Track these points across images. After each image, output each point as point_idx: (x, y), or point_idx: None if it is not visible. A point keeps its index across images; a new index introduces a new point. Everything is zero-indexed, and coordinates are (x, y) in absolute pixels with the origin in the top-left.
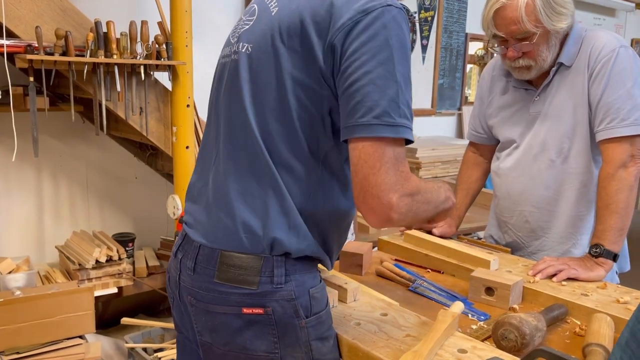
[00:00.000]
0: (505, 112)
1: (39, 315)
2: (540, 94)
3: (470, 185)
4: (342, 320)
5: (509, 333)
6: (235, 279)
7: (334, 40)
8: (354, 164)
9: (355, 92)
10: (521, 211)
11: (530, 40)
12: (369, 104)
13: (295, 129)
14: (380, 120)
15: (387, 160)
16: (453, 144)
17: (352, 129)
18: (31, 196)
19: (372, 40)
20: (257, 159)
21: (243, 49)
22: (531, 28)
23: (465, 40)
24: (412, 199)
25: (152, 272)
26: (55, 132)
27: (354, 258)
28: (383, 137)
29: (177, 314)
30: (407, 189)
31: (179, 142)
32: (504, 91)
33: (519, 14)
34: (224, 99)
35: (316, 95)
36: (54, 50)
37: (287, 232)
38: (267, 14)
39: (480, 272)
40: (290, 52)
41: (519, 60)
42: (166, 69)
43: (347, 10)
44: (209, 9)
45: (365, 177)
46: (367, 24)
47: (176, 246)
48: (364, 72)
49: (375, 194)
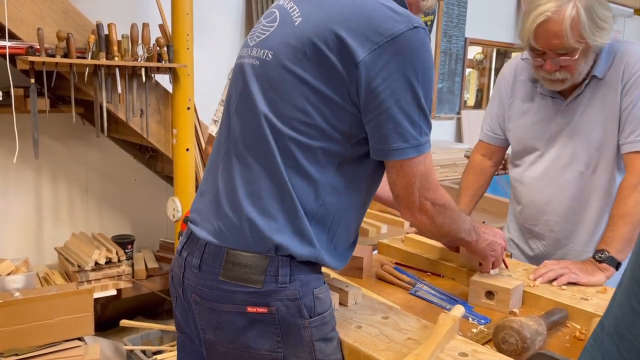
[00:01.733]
0: (528, 119)
1: (38, 317)
2: (569, 105)
3: (476, 191)
4: (343, 323)
5: (509, 337)
6: (240, 277)
7: (359, 61)
8: (393, 181)
9: (387, 120)
10: (547, 220)
11: (572, 56)
12: (399, 131)
13: (312, 138)
14: (408, 144)
15: (420, 174)
16: (452, 148)
17: (386, 153)
18: (30, 197)
19: (401, 68)
20: (269, 163)
21: (263, 55)
22: (574, 43)
23: (465, 44)
24: (442, 209)
25: (151, 274)
26: (56, 134)
27: (355, 261)
28: (412, 157)
29: (180, 313)
30: (438, 199)
31: (179, 144)
32: (529, 97)
33: (563, 29)
34: (239, 101)
35: (336, 107)
36: (55, 52)
37: (291, 237)
38: (289, 23)
39: (481, 276)
40: (313, 64)
41: (555, 73)
42: (167, 72)
43: (374, 33)
44: (210, 11)
45: (403, 187)
46: (396, 51)
47: (181, 244)
48: (394, 100)
49: (412, 199)
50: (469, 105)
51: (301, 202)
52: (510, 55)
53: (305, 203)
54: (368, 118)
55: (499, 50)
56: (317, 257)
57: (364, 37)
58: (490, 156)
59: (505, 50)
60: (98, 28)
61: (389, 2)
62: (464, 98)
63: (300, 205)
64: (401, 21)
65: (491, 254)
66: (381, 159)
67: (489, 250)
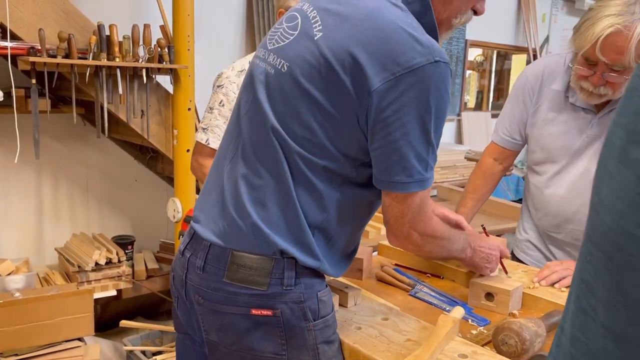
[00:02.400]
0: (555, 128)
1: (38, 317)
2: (602, 118)
3: (482, 196)
4: (343, 325)
5: (509, 338)
6: (245, 279)
7: (373, 89)
8: (387, 207)
9: (392, 152)
10: (572, 229)
11: (624, 74)
12: (404, 164)
13: (317, 156)
14: (412, 179)
15: (414, 207)
16: (452, 150)
17: (387, 184)
18: (31, 198)
19: (414, 102)
20: (277, 173)
21: (279, 65)
22: (631, 63)
23: (465, 46)
24: (429, 239)
25: (151, 275)
26: (56, 134)
27: (354, 262)
28: (414, 192)
29: (181, 313)
30: (428, 230)
31: (179, 145)
32: (558, 106)
33: (629, 45)
34: (251, 106)
35: (343, 130)
36: (56, 53)
37: (294, 246)
38: (309, 35)
39: (480, 278)
40: (326, 84)
41: (600, 87)
42: (168, 72)
43: (392, 62)
44: (211, 12)
45: (394, 217)
46: (412, 84)
47: (183, 244)
48: (403, 133)
49: (400, 229)
50: (469, 107)
51: (305, 213)
52: (510, 58)
53: (309, 214)
54: (374, 146)
55: (499, 52)
56: (319, 267)
57: (381, 65)
58: (502, 160)
59: (505, 53)
60: (99, 29)
61: (414, 27)
62: (465, 100)
63: (305, 216)
64: (422, 53)
65: (486, 265)
66: (382, 188)
67: (484, 263)
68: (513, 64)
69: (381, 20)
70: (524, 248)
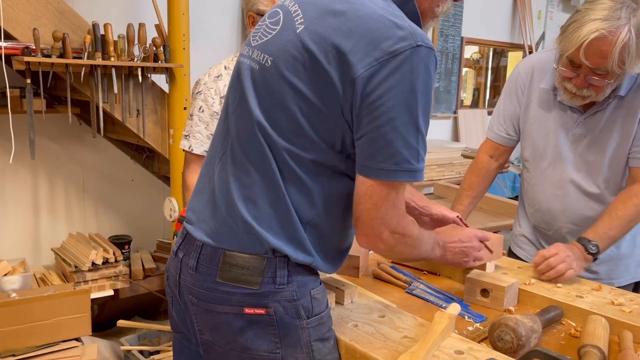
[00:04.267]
0: (544, 126)
1: (35, 318)
2: (587, 118)
3: (478, 193)
4: (339, 322)
5: (505, 334)
6: (237, 278)
7: (356, 76)
8: (359, 196)
9: (378, 137)
10: (560, 227)
11: (607, 78)
12: (390, 151)
13: (304, 149)
14: (399, 167)
15: (390, 200)
16: (449, 147)
17: (370, 170)
18: (27, 198)
19: (399, 86)
20: (266, 170)
21: (263, 60)
22: (614, 68)
23: (461, 44)
24: (400, 238)
25: (148, 275)
26: (52, 134)
27: (351, 260)
28: (399, 181)
29: (176, 313)
30: (399, 228)
31: (175, 144)
32: (546, 104)
33: (612, 51)
34: (238, 104)
35: (328, 121)
36: (51, 53)
37: (286, 243)
38: (291, 28)
39: (476, 274)
40: (310, 76)
41: (583, 90)
42: (163, 72)
43: (375, 49)
44: (206, 11)
45: (366, 210)
46: (395, 68)
47: (176, 245)
48: (388, 118)
49: (371, 225)
50: (466, 104)
51: (296, 210)
52: (506, 55)
53: (300, 210)
54: (360, 134)
55: (496, 50)
56: (311, 263)
57: (364, 53)
58: (497, 157)
59: (501, 50)
60: (94, 28)
61: (396, 15)
62: (461, 97)
63: (296, 212)
64: (405, 38)
65: (464, 259)
66: (366, 175)
67: (460, 258)
68: (509, 61)
69: (363, 10)
70: (519, 242)
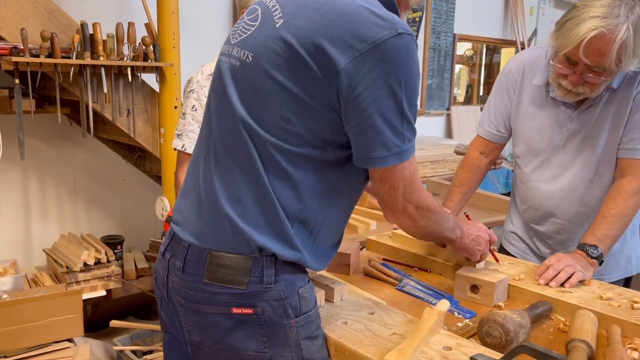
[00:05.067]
0: (537, 122)
1: (27, 319)
2: (582, 113)
3: (469, 190)
4: (329, 320)
5: (493, 330)
6: (224, 279)
7: (340, 69)
8: (376, 182)
9: (367, 128)
10: (553, 222)
11: (603, 76)
12: (381, 139)
13: (292, 144)
14: (390, 152)
15: (404, 180)
16: (442, 144)
17: (367, 161)
18: (18, 199)
19: (384, 76)
20: (250, 167)
21: (244, 57)
22: (612, 66)
23: (454, 40)
24: (424, 212)
25: (141, 275)
26: (42, 135)
27: (342, 258)
28: (395, 165)
29: (165, 314)
30: (422, 202)
31: (167, 143)
32: (539, 101)
33: (610, 49)
34: (219, 102)
35: (316, 114)
36: (39, 52)
37: (273, 240)
38: (270, 24)
39: (466, 270)
40: (293, 70)
41: (578, 87)
42: (153, 71)
43: (356, 40)
44: (196, 10)
45: (386, 192)
46: (378, 58)
47: (164, 246)
48: (376, 108)
49: (395, 203)
50: (459, 101)
51: (283, 205)
52: (499, 51)
53: (287, 206)
54: (350, 125)
55: (488, 46)
56: (299, 260)
57: (346, 45)
58: (487, 154)
59: (494, 46)
60: (82, 27)
61: (374, 4)
62: (454, 94)
63: (282, 208)
64: (385, 27)
65: (477, 248)
66: (363, 166)
67: (474, 245)
68: (502, 58)
69: (340, 2)
70: (509, 239)
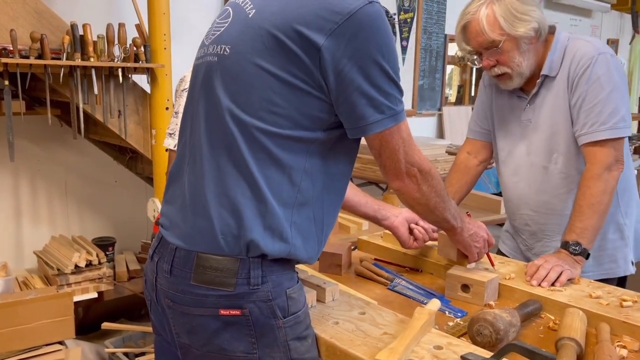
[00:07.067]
0: (500, 117)
1: (18, 322)
2: (530, 103)
3: (459, 189)
4: (320, 320)
5: (483, 329)
6: (211, 280)
7: (320, 44)
8: (377, 153)
9: (358, 97)
10: (521, 215)
11: (497, 47)
12: (373, 104)
13: (281, 126)
14: (385, 115)
15: (403, 141)
16: (433, 144)
17: (364, 129)
18: (8, 201)
19: (364, 43)
20: (236, 159)
21: (221, 51)
22: (496, 37)
23: (445, 41)
24: (428, 176)
25: (132, 276)
26: (33, 136)
27: (333, 258)
28: (391, 126)
29: (154, 316)
30: (424, 164)
31: (158, 144)
32: (502, 95)
33: (481, 26)
34: (200, 100)
35: (303, 94)
36: (29, 54)
37: (262, 233)
38: (243, 16)
39: (457, 270)
40: (274, 54)
41: (494, 68)
42: (144, 72)
43: (331, 14)
44: (187, 11)
45: (388, 157)
46: (356, 27)
47: (152, 249)
48: (364, 76)
49: (398, 167)
50: (451, 101)
51: (274, 193)
52: None
53: (280, 194)
54: (340, 100)
55: None
56: (289, 253)
57: (322, 21)
58: (475, 154)
59: None
60: (72, 28)
61: None
62: (445, 94)
63: (275, 198)
64: None
65: (475, 244)
66: (360, 135)
67: (472, 241)
68: None
69: None
70: (503, 238)
